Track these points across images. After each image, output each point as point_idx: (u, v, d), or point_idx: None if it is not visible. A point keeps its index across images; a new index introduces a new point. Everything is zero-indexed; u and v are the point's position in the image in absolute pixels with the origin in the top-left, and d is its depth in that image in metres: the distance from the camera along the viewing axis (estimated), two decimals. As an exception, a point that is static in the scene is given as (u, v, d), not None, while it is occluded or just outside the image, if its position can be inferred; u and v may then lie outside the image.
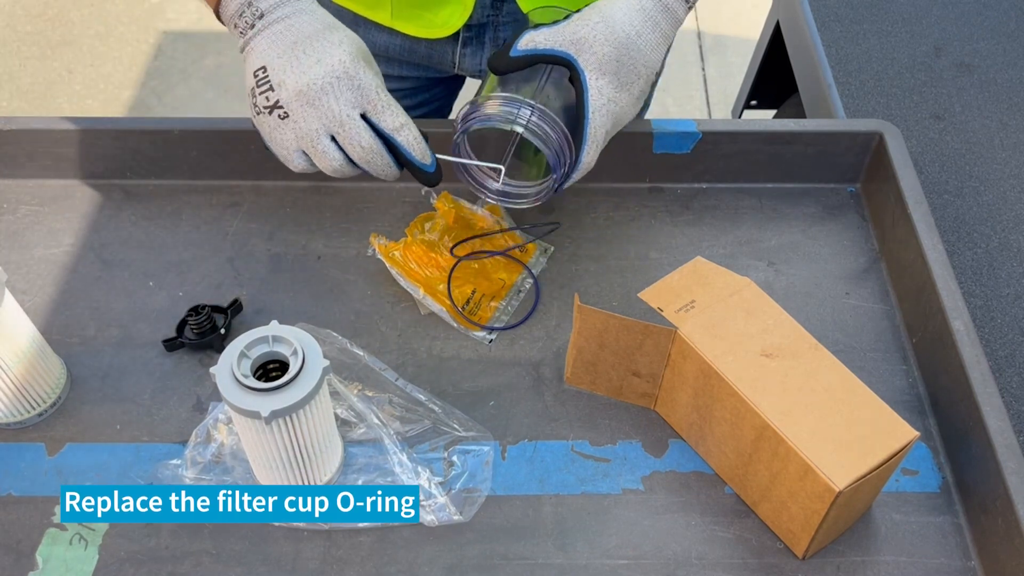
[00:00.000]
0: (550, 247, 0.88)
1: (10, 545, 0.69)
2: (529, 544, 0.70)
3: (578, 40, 0.71)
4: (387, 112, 0.68)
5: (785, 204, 0.93)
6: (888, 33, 1.27)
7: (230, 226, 0.90)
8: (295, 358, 0.63)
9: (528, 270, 0.85)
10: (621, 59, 0.72)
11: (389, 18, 0.91)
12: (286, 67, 0.67)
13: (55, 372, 0.76)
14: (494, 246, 0.86)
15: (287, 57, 0.67)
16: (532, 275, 0.85)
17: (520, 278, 0.85)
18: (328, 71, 0.66)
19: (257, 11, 0.69)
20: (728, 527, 0.71)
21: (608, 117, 0.73)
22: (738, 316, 0.70)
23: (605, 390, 0.78)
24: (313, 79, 0.66)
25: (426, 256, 0.84)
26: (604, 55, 0.71)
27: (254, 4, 0.69)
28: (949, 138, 1.12)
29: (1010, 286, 0.96)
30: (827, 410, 0.65)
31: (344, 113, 0.67)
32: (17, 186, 0.92)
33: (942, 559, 0.70)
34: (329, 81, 0.66)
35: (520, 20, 0.90)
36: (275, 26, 0.69)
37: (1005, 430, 0.69)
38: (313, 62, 0.67)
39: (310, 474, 0.69)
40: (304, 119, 0.67)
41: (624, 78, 0.73)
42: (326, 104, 0.67)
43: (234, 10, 0.69)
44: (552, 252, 0.88)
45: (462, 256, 0.84)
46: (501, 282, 0.84)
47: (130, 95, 2.40)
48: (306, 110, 0.67)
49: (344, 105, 0.67)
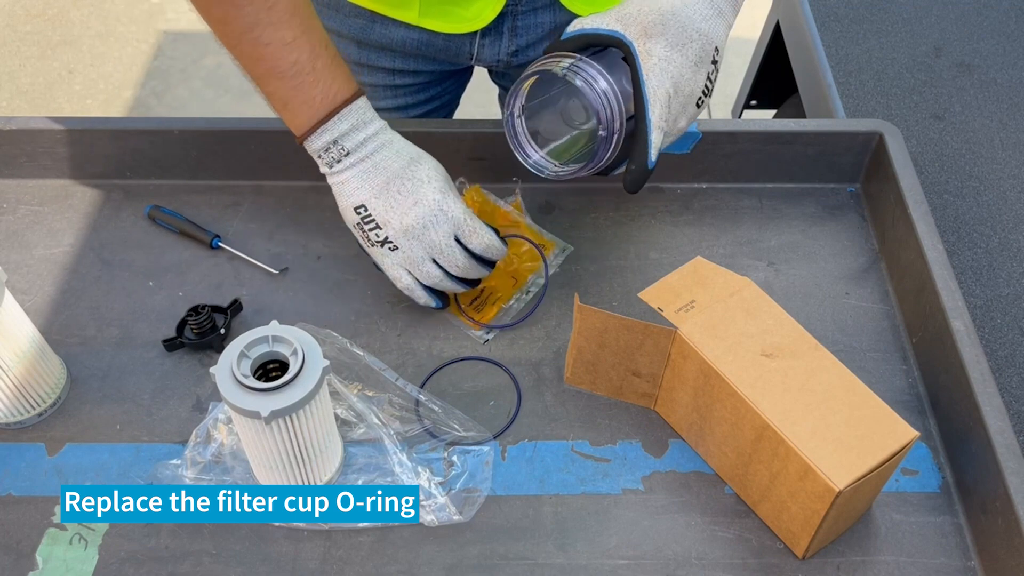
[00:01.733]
0: (569, 246, 0.88)
1: (10, 545, 0.69)
2: (529, 544, 0.70)
3: (623, 16, 0.73)
4: (475, 236, 0.77)
5: (785, 204, 0.93)
6: (888, 33, 1.27)
7: (230, 226, 0.90)
8: (295, 358, 0.63)
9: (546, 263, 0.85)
10: (667, 23, 0.72)
11: (417, 16, 0.91)
12: (387, 208, 0.76)
13: (55, 372, 0.76)
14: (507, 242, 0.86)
15: (384, 198, 0.76)
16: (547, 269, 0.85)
17: (532, 277, 0.85)
18: (426, 211, 0.75)
19: (343, 149, 0.75)
20: (728, 527, 0.71)
21: (665, 76, 0.71)
22: (738, 316, 0.70)
23: (605, 390, 0.78)
24: (415, 220, 0.75)
25: None
26: (649, 22, 0.72)
27: (339, 143, 0.75)
28: (949, 138, 1.12)
29: (1010, 286, 0.96)
30: (827, 410, 0.65)
31: (444, 243, 0.76)
32: (17, 186, 0.92)
33: (942, 559, 0.70)
34: (428, 220, 0.76)
35: (540, 7, 0.90)
36: (362, 164, 0.76)
37: (1005, 430, 0.69)
38: (411, 204, 0.75)
39: (310, 474, 0.69)
40: (411, 250, 0.77)
41: (673, 39, 0.72)
42: (428, 238, 0.76)
43: (320, 146, 0.75)
44: (570, 252, 0.88)
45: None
46: (512, 280, 0.85)
47: (130, 95, 2.40)
48: (412, 243, 0.77)
49: (443, 237, 0.76)
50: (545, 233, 0.89)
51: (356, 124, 0.75)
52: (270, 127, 0.90)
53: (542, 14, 0.92)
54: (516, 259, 0.86)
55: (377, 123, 0.76)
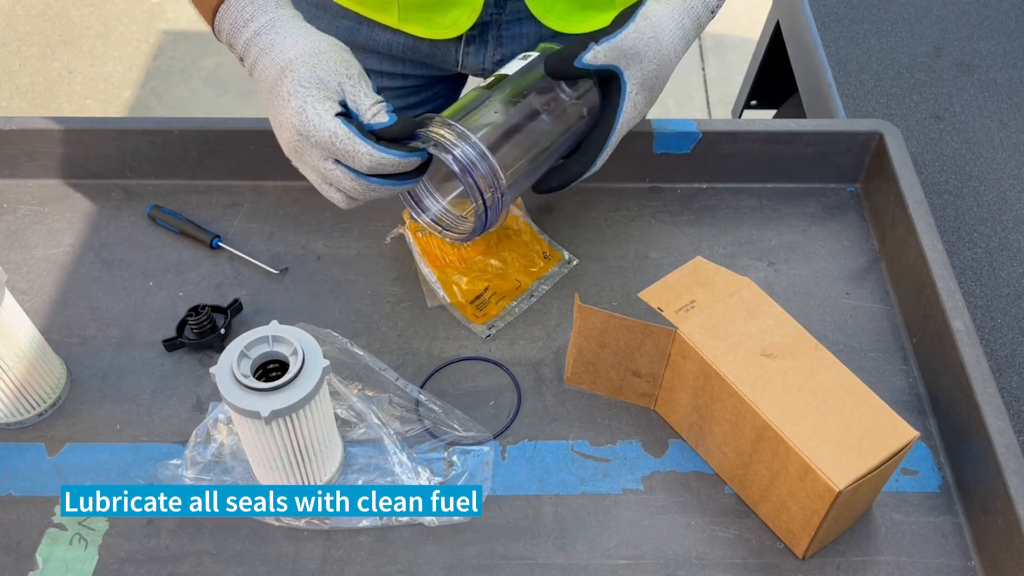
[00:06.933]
0: (574, 259, 0.88)
1: (10, 545, 0.69)
2: (529, 544, 0.70)
3: (631, 54, 0.73)
4: (352, 159, 0.66)
5: (785, 204, 0.93)
6: (888, 33, 1.27)
7: (230, 226, 0.90)
8: (295, 358, 0.63)
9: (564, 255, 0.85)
10: (659, 75, 0.76)
11: (397, 20, 0.91)
12: (273, 127, 0.69)
13: (55, 372, 0.76)
14: (511, 245, 0.86)
15: (269, 115, 0.69)
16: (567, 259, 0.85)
17: (535, 283, 0.85)
18: (289, 135, 0.68)
19: (238, 55, 0.71)
20: (728, 527, 0.71)
21: (634, 116, 0.76)
22: (738, 316, 0.70)
23: (605, 390, 0.78)
24: (286, 143, 0.69)
25: (452, 246, 0.84)
26: (649, 72, 0.75)
27: (233, 46, 0.70)
28: (949, 138, 1.12)
29: (1010, 286, 0.96)
30: (827, 410, 0.65)
31: (322, 167, 0.68)
32: (17, 186, 0.92)
33: (942, 559, 0.70)
34: (294, 144, 0.68)
35: (524, 18, 0.91)
36: (253, 73, 0.70)
37: (1005, 430, 0.69)
38: (278, 126, 0.69)
39: (310, 474, 0.69)
40: (306, 172, 0.70)
41: (655, 93, 0.77)
42: (306, 161, 0.69)
43: (227, 46, 0.71)
44: (576, 264, 0.88)
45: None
46: (516, 283, 0.85)
47: (130, 95, 2.40)
48: (300, 166, 0.70)
49: (318, 160, 0.68)
50: (554, 244, 0.88)
51: (235, 23, 0.68)
52: (270, 127, 0.90)
53: (527, 24, 0.92)
54: (521, 266, 0.86)
55: (257, 22, 0.68)
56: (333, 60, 0.68)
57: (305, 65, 0.67)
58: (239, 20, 0.69)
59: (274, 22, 0.69)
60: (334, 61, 0.68)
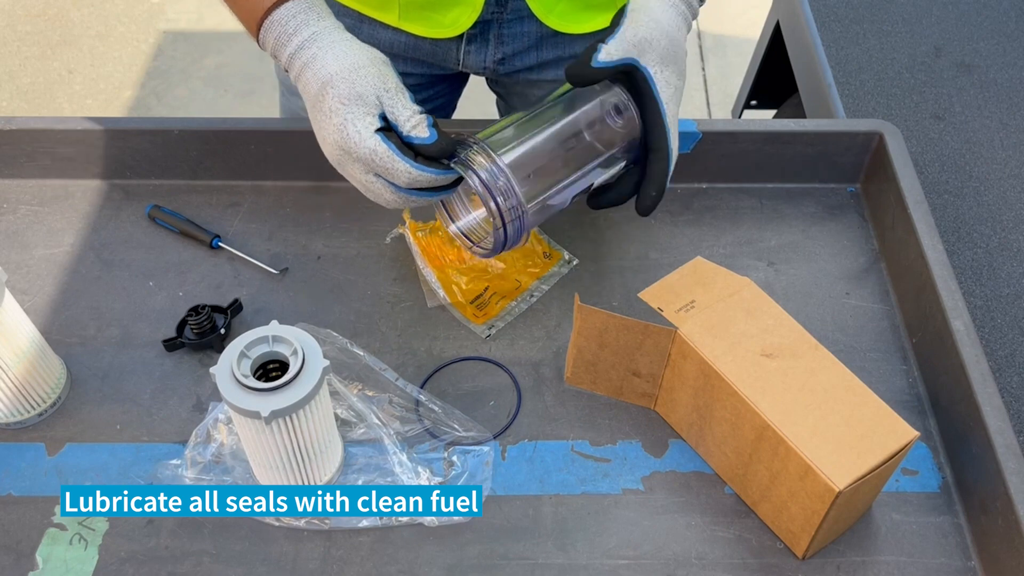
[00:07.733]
0: (574, 259, 0.88)
1: (10, 545, 0.69)
2: (529, 544, 0.70)
3: (640, 42, 0.74)
4: (392, 175, 0.69)
5: (785, 204, 0.93)
6: (888, 33, 1.27)
7: (230, 226, 0.90)
8: (295, 358, 0.63)
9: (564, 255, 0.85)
10: (673, 49, 0.76)
11: (397, 19, 0.91)
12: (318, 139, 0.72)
13: (55, 372, 0.76)
14: None
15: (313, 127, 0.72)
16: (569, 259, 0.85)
17: (535, 283, 0.85)
18: (332, 149, 0.70)
19: (283, 67, 0.73)
20: (728, 527, 0.71)
21: (674, 104, 0.76)
22: (738, 316, 0.70)
23: (605, 390, 0.78)
24: (330, 155, 0.71)
25: (452, 246, 0.84)
26: (662, 48, 0.75)
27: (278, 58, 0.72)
28: (949, 138, 1.12)
29: (1010, 286, 0.96)
30: (827, 410, 0.65)
31: (363, 179, 0.71)
32: (17, 186, 0.92)
33: (942, 559, 0.70)
34: (338, 158, 0.70)
35: (525, 17, 0.91)
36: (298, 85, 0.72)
37: (1005, 430, 0.69)
38: (322, 140, 0.71)
39: (310, 474, 0.69)
40: (352, 181, 0.72)
41: (679, 66, 0.77)
42: (349, 174, 0.72)
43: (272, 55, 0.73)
44: (576, 264, 0.88)
45: None
46: (517, 283, 0.85)
47: (130, 95, 2.40)
48: (346, 175, 0.72)
49: (360, 174, 0.70)
50: (554, 244, 0.88)
51: (279, 37, 0.70)
52: (270, 127, 0.90)
53: (528, 23, 0.92)
54: (521, 266, 0.86)
55: (300, 36, 0.70)
56: (371, 75, 0.69)
57: (344, 81, 0.69)
58: (283, 35, 0.70)
59: (316, 36, 0.71)
60: (372, 75, 0.69)
